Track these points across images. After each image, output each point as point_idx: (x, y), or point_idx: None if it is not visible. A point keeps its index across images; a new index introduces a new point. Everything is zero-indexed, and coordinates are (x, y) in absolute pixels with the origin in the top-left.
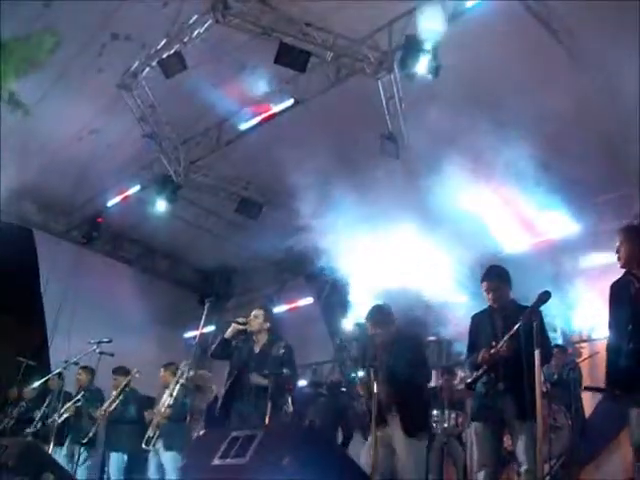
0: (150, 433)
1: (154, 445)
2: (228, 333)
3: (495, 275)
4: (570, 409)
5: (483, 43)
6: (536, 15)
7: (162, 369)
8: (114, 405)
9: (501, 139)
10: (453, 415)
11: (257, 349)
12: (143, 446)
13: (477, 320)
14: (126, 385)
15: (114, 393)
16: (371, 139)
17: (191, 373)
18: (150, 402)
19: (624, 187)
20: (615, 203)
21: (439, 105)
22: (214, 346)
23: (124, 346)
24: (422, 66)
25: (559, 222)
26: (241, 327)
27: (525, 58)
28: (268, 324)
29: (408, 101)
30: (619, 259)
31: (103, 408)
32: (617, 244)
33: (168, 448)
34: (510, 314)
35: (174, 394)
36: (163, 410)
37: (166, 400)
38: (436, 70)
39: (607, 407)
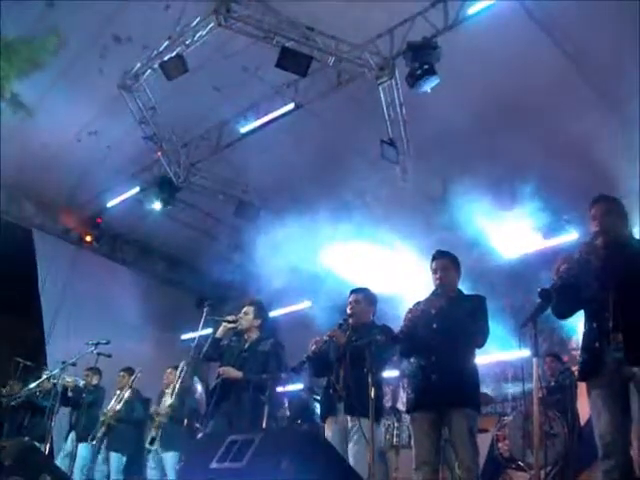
0: (153, 433)
1: (154, 445)
2: (219, 333)
3: (445, 256)
4: (566, 416)
5: (488, 51)
6: (541, 25)
7: (170, 369)
8: (120, 405)
9: (501, 147)
10: None
11: (247, 346)
12: (147, 445)
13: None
14: (130, 386)
15: (118, 392)
16: (371, 144)
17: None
18: (148, 403)
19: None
20: None
21: (439, 112)
22: (206, 347)
23: (121, 347)
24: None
25: (556, 230)
26: (231, 325)
27: (529, 67)
28: (259, 321)
29: (409, 107)
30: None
31: (109, 408)
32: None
33: (168, 448)
34: (455, 300)
35: (175, 395)
36: (165, 410)
37: (167, 400)
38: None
39: None
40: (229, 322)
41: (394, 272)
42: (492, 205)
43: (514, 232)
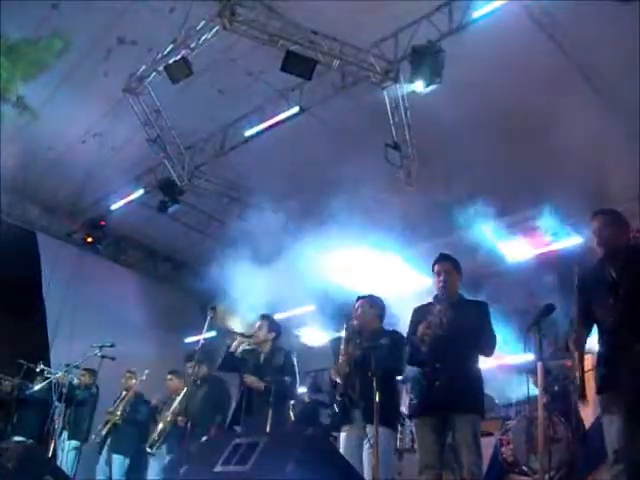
0: (155, 437)
1: (158, 449)
2: (233, 347)
3: (448, 259)
4: (570, 421)
5: (492, 54)
6: (545, 29)
7: (169, 375)
8: (122, 407)
9: (505, 151)
10: None
11: (261, 359)
12: (147, 449)
13: (422, 311)
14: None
15: (124, 393)
16: (376, 147)
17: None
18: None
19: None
20: None
21: (443, 115)
22: (221, 361)
23: (125, 349)
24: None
25: (561, 234)
26: (246, 340)
27: (533, 71)
28: (273, 334)
29: (413, 110)
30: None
31: (113, 409)
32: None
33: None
34: (458, 305)
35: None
36: (168, 416)
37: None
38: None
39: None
40: (245, 337)
41: (396, 277)
42: (496, 209)
43: (518, 236)
